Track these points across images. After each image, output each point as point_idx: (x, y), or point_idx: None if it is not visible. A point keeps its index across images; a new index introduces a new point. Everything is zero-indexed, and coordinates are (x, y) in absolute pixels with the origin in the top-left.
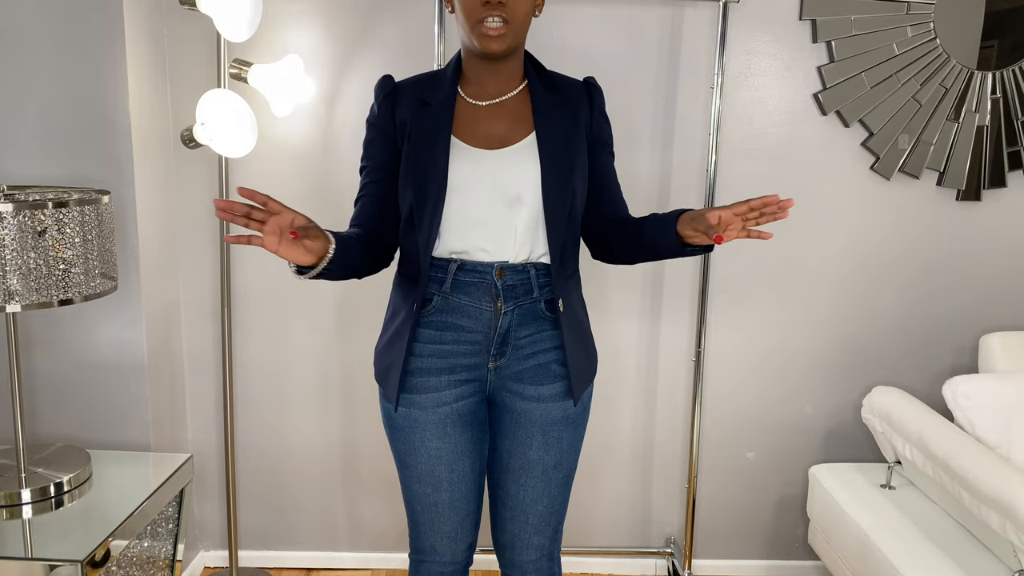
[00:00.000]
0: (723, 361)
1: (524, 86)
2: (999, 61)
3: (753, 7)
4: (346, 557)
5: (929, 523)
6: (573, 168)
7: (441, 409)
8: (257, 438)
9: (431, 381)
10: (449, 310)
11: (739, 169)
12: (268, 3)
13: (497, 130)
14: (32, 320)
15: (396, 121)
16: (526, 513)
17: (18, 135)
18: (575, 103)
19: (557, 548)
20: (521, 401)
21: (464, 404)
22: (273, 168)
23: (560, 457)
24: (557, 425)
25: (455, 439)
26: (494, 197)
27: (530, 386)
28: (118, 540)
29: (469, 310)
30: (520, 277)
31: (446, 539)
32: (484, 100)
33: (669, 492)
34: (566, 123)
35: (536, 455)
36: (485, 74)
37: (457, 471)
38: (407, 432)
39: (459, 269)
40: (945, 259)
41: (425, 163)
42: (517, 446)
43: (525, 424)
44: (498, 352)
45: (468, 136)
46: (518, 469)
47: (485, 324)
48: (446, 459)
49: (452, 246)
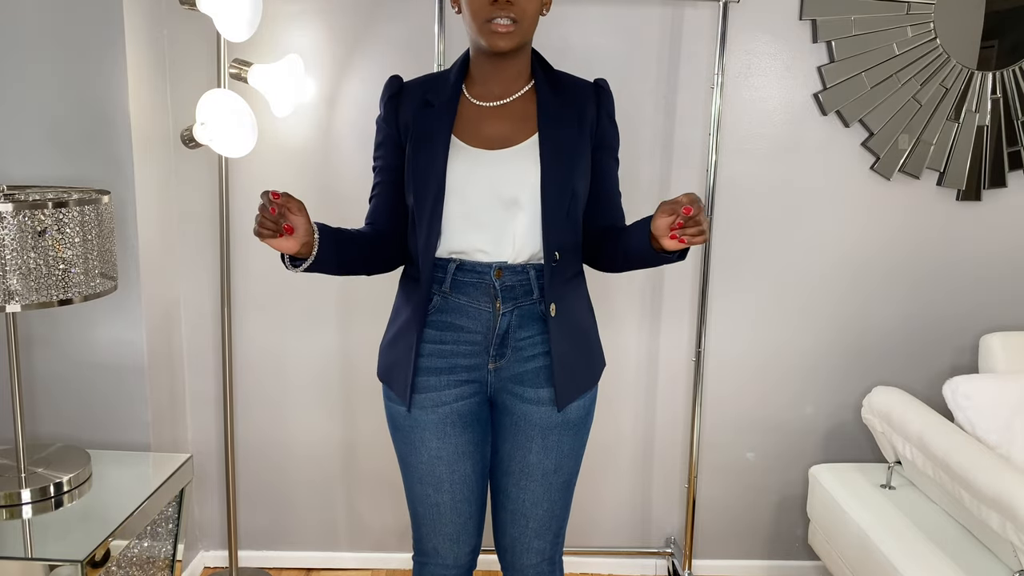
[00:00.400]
0: (723, 361)
1: (530, 86)
2: (999, 61)
3: (753, 7)
4: (346, 557)
5: (929, 523)
6: (574, 170)
7: (441, 409)
8: (257, 438)
9: (431, 380)
10: (449, 310)
11: (739, 169)
12: (268, 3)
13: (500, 131)
14: (32, 320)
15: (400, 122)
16: (526, 517)
17: (18, 135)
18: (582, 104)
19: (558, 552)
20: (521, 404)
21: (464, 404)
22: (273, 168)
23: (560, 461)
24: (557, 429)
25: (455, 440)
26: (492, 198)
27: (530, 388)
28: (118, 540)
29: (468, 310)
30: (519, 278)
31: (448, 541)
32: (489, 101)
33: (669, 492)
34: (570, 124)
35: (536, 459)
36: (491, 73)
37: (458, 472)
38: (408, 432)
39: (458, 269)
40: (945, 259)
41: (424, 163)
42: (517, 449)
43: (524, 427)
44: (497, 353)
45: (469, 136)
46: (518, 472)
47: (484, 324)
48: (446, 460)
49: (451, 246)
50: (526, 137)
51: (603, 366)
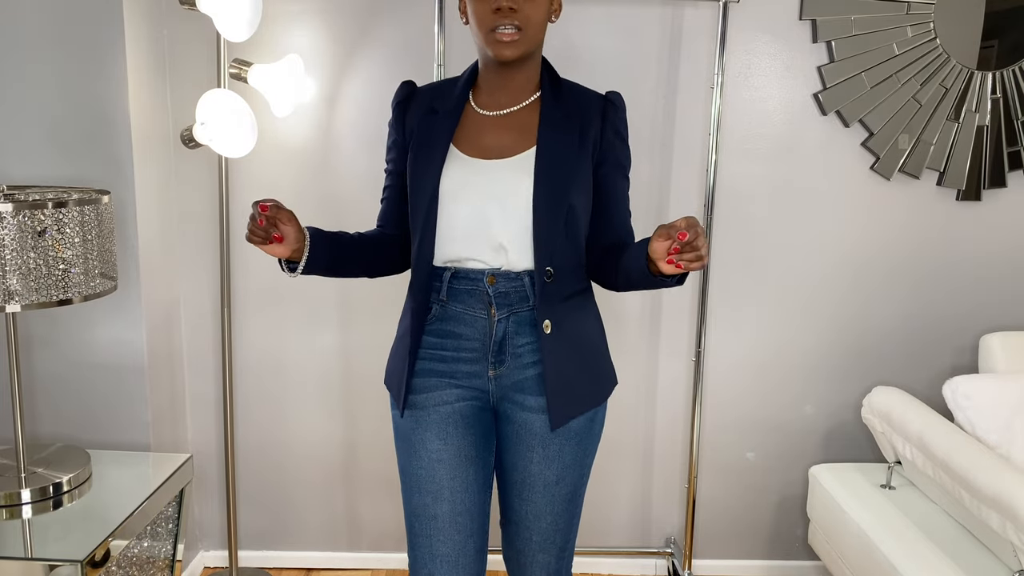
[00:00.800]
0: (723, 361)
1: (536, 97)
2: (999, 61)
3: (753, 7)
4: (346, 557)
5: (929, 523)
6: (569, 184)
7: (442, 408)
8: (257, 438)
9: (431, 381)
10: (448, 318)
11: (739, 169)
12: (268, 3)
13: (500, 141)
14: (32, 320)
15: (406, 128)
16: (529, 529)
17: (18, 135)
18: (586, 116)
19: (565, 567)
20: (521, 412)
21: (467, 406)
22: (273, 168)
23: (562, 472)
24: (557, 438)
25: (457, 441)
26: (482, 208)
27: (531, 396)
28: (118, 540)
29: (465, 318)
30: (513, 285)
31: (446, 565)
32: (493, 110)
33: (669, 492)
34: (571, 137)
35: (537, 468)
36: (498, 83)
37: (459, 479)
38: (408, 435)
39: (453, 277)
40: (945, 259)
41: (420, 171)
42: (519, 459)
43: (525, 436)
44: (496, 360)
45: (468, 146)
46: (520, 483)
47: (481, 332)
48: (448, 462)
49: (446, 255)
50: (525, 148)
51: (613, 384)
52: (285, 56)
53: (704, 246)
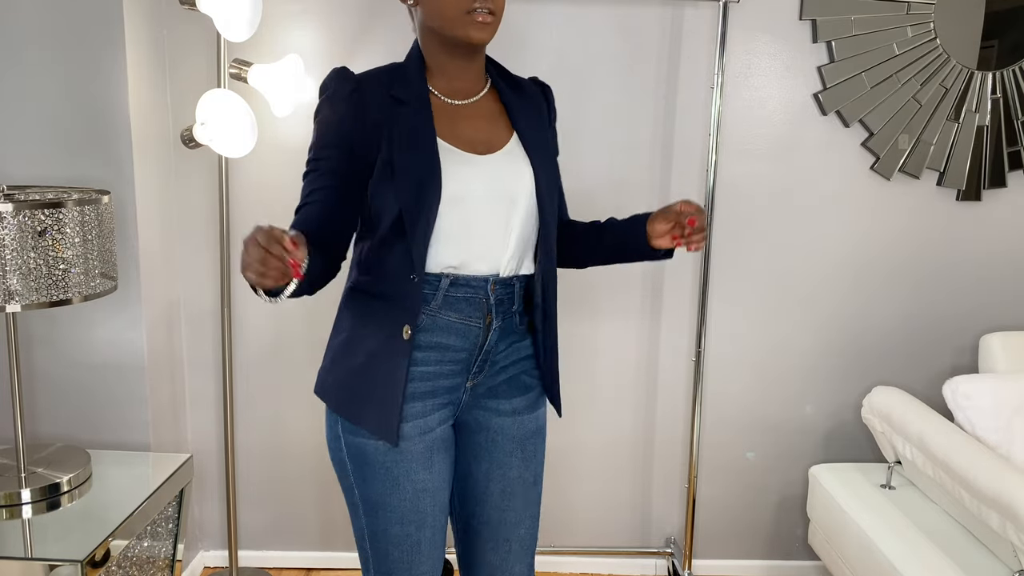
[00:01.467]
0: (723, 361)
1: (490, 85)
2: (999, 61)
3: (753, 7)
4: (346, 557)
5: (929, 523)
6: (555, 172)
7: (427, 437)
8: (257, 438)
9: (416, 407)
10: (436, 329)
11: (739, 169)
12: (268, 3)
13: (479, 132)
14: (32, 320)
15: (367, 121)
16: (508, 540)
17: (18, 135)
18: (539, 103)
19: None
20: (496, 417)
21: (445, 429)
22: (273, 168)
23: (537, 471)
24: (533, 437)
25: (439, 468)
26: (491, 204)
27: (504, 400)
28: (118, 540)
29: (458, 328)
30: (507, 291)
31: None
32: (457, 99)
33: (669, 492)
34: (540, 124)
35: (517, 472)
36: (456, 70)
37: (439, 503)
38: (389, 468)
39: (451, 284)
40: (945, 259)
41: (416, 169)
42: (496, 467)
43: (503, 441)
44: (478, 370)
45: (452, 138)
46: (499, 493)
47: (471, 342)
48: (431, 491)
49: (446, 259)
50: (506, 138)
51: None
52: (285, 56)
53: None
